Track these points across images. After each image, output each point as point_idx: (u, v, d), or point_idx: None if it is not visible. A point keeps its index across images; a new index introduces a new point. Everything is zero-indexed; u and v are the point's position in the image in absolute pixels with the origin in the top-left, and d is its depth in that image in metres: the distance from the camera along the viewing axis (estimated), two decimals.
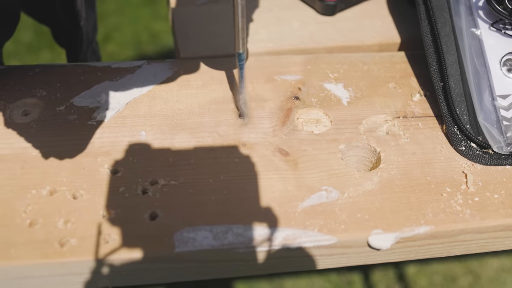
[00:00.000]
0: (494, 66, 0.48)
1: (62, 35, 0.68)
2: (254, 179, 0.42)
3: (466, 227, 0.40)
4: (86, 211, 0.39)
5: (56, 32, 0.69)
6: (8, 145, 0.43)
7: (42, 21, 0.68)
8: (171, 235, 0.38)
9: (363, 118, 0.48)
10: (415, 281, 1.13)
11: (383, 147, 0.46)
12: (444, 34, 0.50)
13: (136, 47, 1.60)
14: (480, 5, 0.50)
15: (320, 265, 0.40)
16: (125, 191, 0.40)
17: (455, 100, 0.47)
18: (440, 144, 0.47)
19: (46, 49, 1.53)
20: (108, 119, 0.46)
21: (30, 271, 0.36)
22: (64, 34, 0.66)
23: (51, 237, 0.37)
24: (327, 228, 0.39)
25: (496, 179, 0.44)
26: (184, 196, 0.40)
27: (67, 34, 0.65)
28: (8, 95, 0.47)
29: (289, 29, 0.59)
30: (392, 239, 0.39)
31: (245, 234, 0.38)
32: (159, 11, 1.73)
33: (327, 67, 0.53)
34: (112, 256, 0.36)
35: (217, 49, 0.55)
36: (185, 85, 0.50)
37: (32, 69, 0.50)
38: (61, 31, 0.66)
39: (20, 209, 0.38)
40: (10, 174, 0.41)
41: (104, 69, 0.51)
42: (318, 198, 0.41)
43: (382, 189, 0.42)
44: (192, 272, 0.39)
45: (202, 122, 0.46)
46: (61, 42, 0.69)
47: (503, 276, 1.15)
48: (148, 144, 0.44)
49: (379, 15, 0.62)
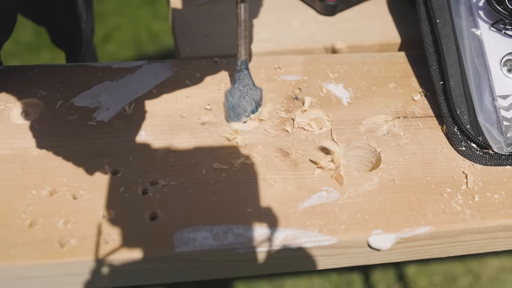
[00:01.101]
0: (495, 67, 0.48)
1: (61, 38, 0.68)
2: (254, 179, 0.42)
3: (466, 228, 0.40)
4: (86, 211, 0.39)
5: (55, 34, 0.69)
6: (8, 145, 0.43)
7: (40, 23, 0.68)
8: (171, 236, 0.38)
9: (363, 118, 0.48)
10: (415, 281, 1.13)
11: (383, 147, 0.46)
12: (444, 34, 0.50)
13: (136, 47, 1.60)
14: (481, 5, 0.50)
15: (320, 265, 0.40)
16: (125, 192, 0.40)
17: (455, 100, 0.47)
18: (441, 145, 0.47)
19: (46, 49, 1.53)
20: (108, 119, 0.46)
21: (30, 272, 0.36)
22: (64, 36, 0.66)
23: (51, 237, 0.37)
24: (327, 229, 0.39)
25: (497, 179, 0.44)
26: (184, 196, 0.40)
27: (66, 36, 0.64)
28: (8, 95, 0.47)
29: (290, 29, 0.59)
30: (392, 240, 0.39)
31: (245, 234, 0.38)
32: (159, 11, 1.72)
33: (327, 67, 0.53)
34: (112, 256, 0.36)
35: (217, 49, 0.55)
36: (185, 85, 0.50)
37: (32, 69, 0.50)
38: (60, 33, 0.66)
39: (20, 210, 0.38)
40: (10, 175, 0.41)
41: (104, 69, 0.51)
42: (318, 199, 0.41)
43: (382, 190, 0.42)
44: (192, 272, 0.39)
45: (202, 122, 0.46)
46: (60, 45, 0.69)
47: (503, 276, 1.15)
48: (148, 144, 0.44)
49: (379, 15, 0.62)
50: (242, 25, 0.42)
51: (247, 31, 0.43)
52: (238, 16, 0.42)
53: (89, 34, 0.71)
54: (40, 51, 1.54)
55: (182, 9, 0.60)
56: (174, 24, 0.58)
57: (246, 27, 0.42)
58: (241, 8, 0.41)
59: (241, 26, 0.42)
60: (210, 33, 0.57)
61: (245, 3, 0.41)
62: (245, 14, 0.42)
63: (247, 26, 0.43)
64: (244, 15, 0.42)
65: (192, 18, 0.59)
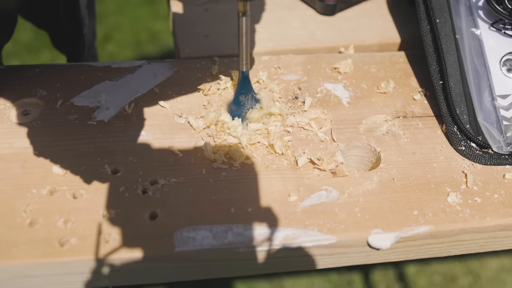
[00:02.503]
0: (494, 66, 0.48)
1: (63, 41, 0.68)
2: (254, 179, 0.42)
3: (466, 227, 0.40)
4: (86, 210, 0.39)
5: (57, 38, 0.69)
6: (8, 145, 0.43)
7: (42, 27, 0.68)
8: (171, 235, 0.38)
9: (363, 118, 0.48)
10: (415, 281, 1.13)
11: (383, 147, 0.46)
12: (444, 34, 0.50)
13: (136, 47, 1.60)
14: (480, 5, 0.50)
15: (320, 264, 0.40)
16: (125, 191, 0.40)
17: (455, 100, 0.47)
18: (440, 144, 0.47)
19: (45, 49, 1.53)
20: (108, 119, 0.46)
21: (30, 270, 0.36)
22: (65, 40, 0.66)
23: (51, 236, 0.37)
24: (327, 228, 0.39)
25: (496, 179, 0.44)
26: (184, 195, 0.40)
27: (68, 40, 0.65)
28: (8, 95, 0.47)
29: (289, 28, 0.59)
30: (392, 239, 0.39)
31: (245, 233, 0.38)
32: (159, 11, 1.72)
33: (327, 66, 0.54)
34: (112, 256, 0.36)
35: (217, 49, 0.55)
36: (185, 84, 0.50)
37: (32, 69, 0.50)
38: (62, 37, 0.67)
39: (21, 209, 0.38)
40: (10, 174, 0.41)
41: (104, 69, 0.51)
42: (318, 198, 0.41)
43: (382, 189, 0.42)
44: (192, 271, 0.39)
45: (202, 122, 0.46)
46: (62, 48, 0.70)
47: (503, 276, 1.15)
48: (148, 143, 0.44)
49: (379, 14, 0.62)
50: (244, 37, 0.43)
51: (248, 43, 0.43)
52: (240, 29, 0.42)
53: (91, 38, 0.71)
54: (40, 51, 1.54)
55: (182, 9, 0.60)
56: (174, 24, 0.58)
57: (247, 40, 0.43)
58: (243, 21, 0.42)
59: (243, 38, 0.43)
60: (210, 33, 0.57)
61: (247, 17, 0.41)
62: (246, 27, 0.42)
63: (248, 39, 0.43)
64: (246, 28, 0.42)
65: (192, 18, 0.59)
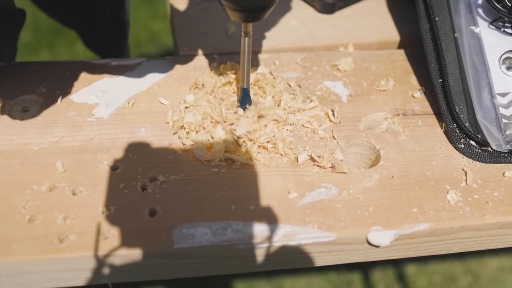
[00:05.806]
0: (494, 64, 0.48)
1: (101, 41, 0.70)
2: (254, 176, 0.42)
3: (465, 225, 0.40)
4: (85, 207, 0.39)
5: (95, 38, 0.71)
6: (8, 141, 0.43)
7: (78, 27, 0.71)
8: (170, 231, 0.38)
9: (362, 115, 0.48)
10: (414, 281, 1.13)
11: (383, 144, 0.46)
12: (444, 32, 0.50)
13: (135, 47, 1.60)
14: (480, 3, 0.50)
15: (320, 262, 0.40)
16: (125, 188, 0.40)
17: (454, 98, 0.47)
18: (440, 142, 0.47)
19: (45, 48, 1.53)
20: (108, 116, 0.46)
21: (29, 267, 0.36)
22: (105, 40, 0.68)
23: (51, 233, 0.37)
24: (327, 225, 0.39)
25: (496, 176, 0.44)
26: (184, 192, 0.40)
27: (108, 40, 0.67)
28: (8, 91, 0.47)
29: (289, 27, 0.59)
30: (391, 236, 0.39)
31: (245, 230, 0.38)
32: (159, 10, 1.72)
33: (327, 64, 0.54)
34: (111, 252, 0.36)
35: (216, 46, 0.55)
36: (184, 82, 0.50)
37: (32, 66, 0.50)
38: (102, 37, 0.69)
39: (20, 205, 0.38)
40: (9, 170, 0.41)
41: (104, 66, 0.51)
42: (317, 195, 0.41)
43: (381, 186, 0.42)
44: (191, 268, 0.39)
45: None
46: (96, 48, 0.72)
47: (503, 276, 1.15)
48: (148, 140, 0.44)
49: (378, 13, 0.62)
50: (246, 56, 0.43)
51: (250, 61, 0.44)
52: (242, 48, 0.43)
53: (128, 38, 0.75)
54: (39, 51, 1.54)
55: (181, 7, 0.60)
56: (173, 22, 0.58)
57: (249, 58, 0.44)
58: (245, 41, 0.42)
59: (244, 57, 0.43)
60: (208, 31, 0.57)
61: (249, 38, 0.42)
62: (248, 46, 0.43)
63: (250, 58, 0.44)
64: (248, 47, 0.43)
65: (191, 16, 0.59)
